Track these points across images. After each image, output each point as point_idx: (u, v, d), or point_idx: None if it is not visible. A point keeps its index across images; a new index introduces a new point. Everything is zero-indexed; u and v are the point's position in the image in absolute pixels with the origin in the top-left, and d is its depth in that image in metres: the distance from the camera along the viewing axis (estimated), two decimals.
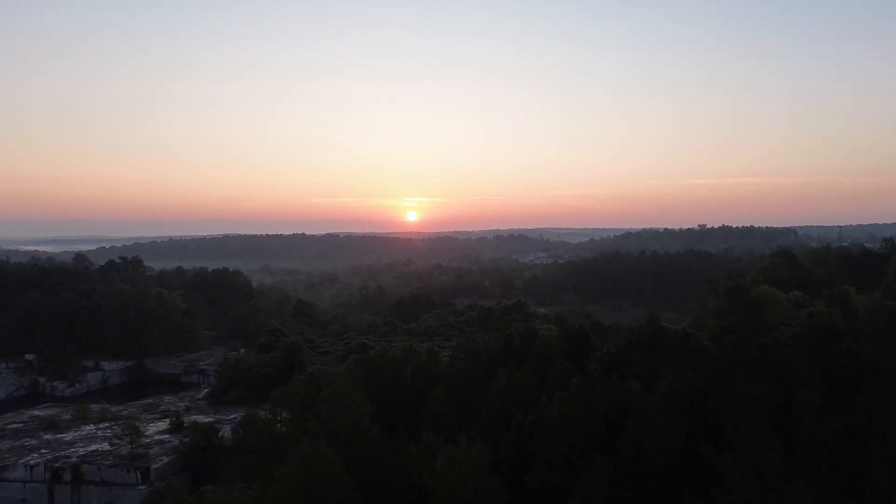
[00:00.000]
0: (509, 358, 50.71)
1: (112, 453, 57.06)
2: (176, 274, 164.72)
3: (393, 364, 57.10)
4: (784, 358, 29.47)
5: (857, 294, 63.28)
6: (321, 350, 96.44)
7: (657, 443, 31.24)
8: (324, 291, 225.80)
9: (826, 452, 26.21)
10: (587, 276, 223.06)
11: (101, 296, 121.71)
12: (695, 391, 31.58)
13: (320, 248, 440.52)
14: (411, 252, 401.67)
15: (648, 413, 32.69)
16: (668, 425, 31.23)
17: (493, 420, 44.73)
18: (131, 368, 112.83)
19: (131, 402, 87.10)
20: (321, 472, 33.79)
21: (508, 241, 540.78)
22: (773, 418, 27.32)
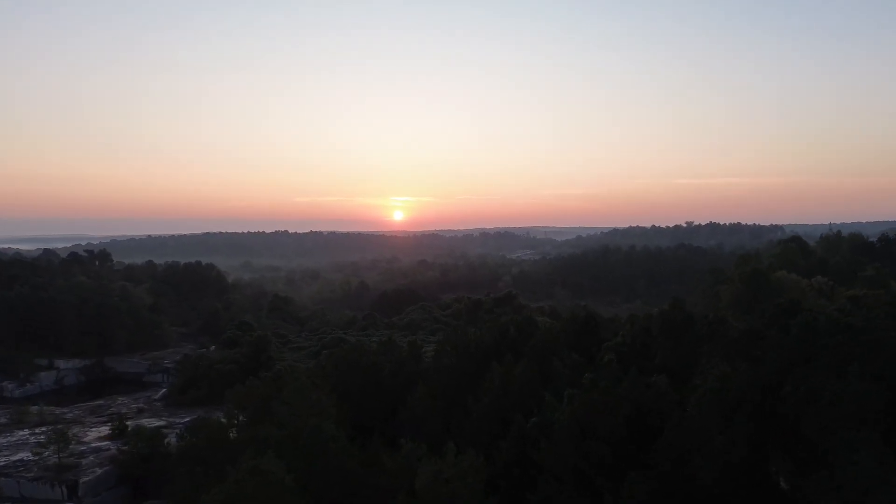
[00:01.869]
0: (504, 351, 42.95)
1: (38, 464, 48.52)
2: (145, 268, 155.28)
3: (368, 359, 49.12)
4: (881, 342, 22.04)
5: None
6: (293, 346, 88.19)
7: (707, 455, 23.65)
8: (304, 288, 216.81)
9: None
10: (577, 271, 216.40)
11: (58, 289, 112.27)
12: (756, 388, 24.06)
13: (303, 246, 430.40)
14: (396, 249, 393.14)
15: (692, 416, 25.09)
16: (720, 432, 23.66)
17: (487, 424, 36.94)
18: (90, 367, 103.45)
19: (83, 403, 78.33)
20: (264, 495, 25.81)
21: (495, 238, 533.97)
22: (878, 423, 19.89)
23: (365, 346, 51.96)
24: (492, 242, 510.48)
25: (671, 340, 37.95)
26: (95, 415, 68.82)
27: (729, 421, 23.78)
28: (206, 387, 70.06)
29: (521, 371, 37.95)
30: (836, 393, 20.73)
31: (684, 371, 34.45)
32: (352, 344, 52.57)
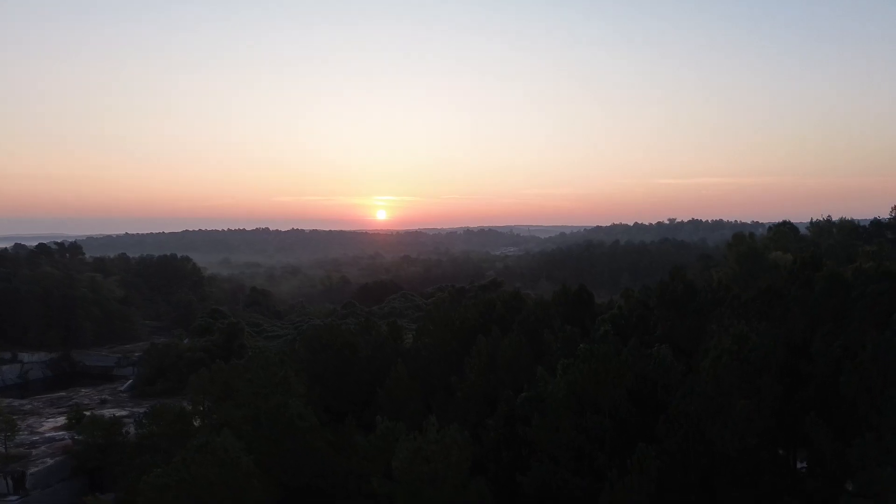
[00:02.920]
0: (491, 326, 39.67)
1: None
2: (117, 261, 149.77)
3: (344, 339, 45.56)
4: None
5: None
6: (269, 334, 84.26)
7: (728, 423, 20.56)
8: (284, 283, 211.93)
9: None
10: (561, 265, 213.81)
11: (22, 280, 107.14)
12: (780, 348, 21.03)
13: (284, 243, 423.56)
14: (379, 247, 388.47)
15: (708, 381, 22.00)
16: (743, 397, 20.60)
17: (473, 402, 33.66)
18: (56, 361, 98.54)
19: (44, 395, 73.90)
20: (215, 476, 22.29)
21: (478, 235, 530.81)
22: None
23: (340, 326, 48.32)
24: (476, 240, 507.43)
25: (673, 311, 34.93)
26: (55, 406, 64.62)
27: (751, 384, 20.78)
28: (174, 377, 66.07)
29: (510, 344, 34.69)
30: (879, 346, 17.81)
31: (689, 344, 31.44)
32: (326, 324, 48.88)
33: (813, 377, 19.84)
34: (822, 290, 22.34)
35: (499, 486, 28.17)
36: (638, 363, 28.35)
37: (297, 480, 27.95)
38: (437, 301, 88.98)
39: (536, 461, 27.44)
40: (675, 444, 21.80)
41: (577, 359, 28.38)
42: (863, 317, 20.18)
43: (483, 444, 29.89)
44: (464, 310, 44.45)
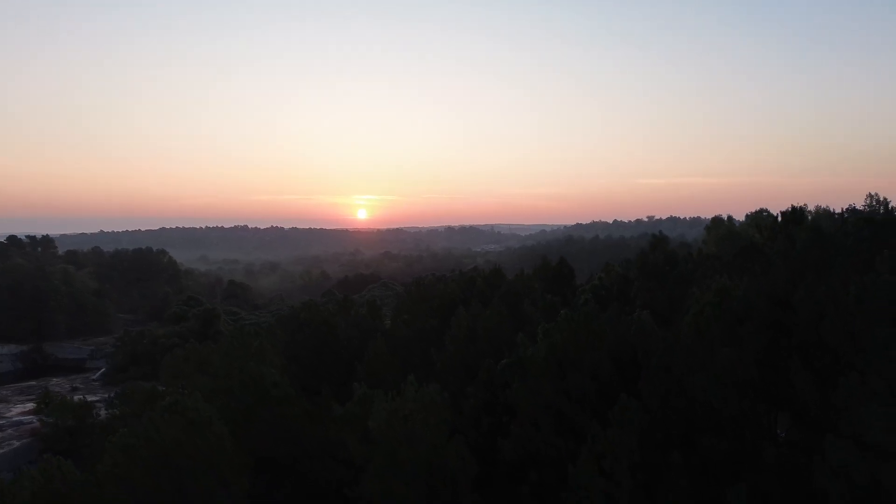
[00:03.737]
0: (471, 300, 39.14)
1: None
2: (91, 254, 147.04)
3: (322, 318, 44.73)
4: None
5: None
6: (245, 322, 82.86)
7: (711, 374, 20.22)
8: (263, 278, 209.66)
9: None
10: (542, 260, 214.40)
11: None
12: (762, 299, 20.71)
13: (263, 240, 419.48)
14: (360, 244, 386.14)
15: (689, 333, 21.66)
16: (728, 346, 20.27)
17: (453, 374, 33.03)
18: (27, 353, 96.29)
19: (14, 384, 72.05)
20: (190, 436, 21.43)
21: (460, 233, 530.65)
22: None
23: (318, 305, 47.45)
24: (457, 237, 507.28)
25: (653, 281, 34.69)
26: (24, 394, 62.94)
27: (733, 334, 20.47)
28: (148, 364, 64.64)
29: (490, 315, 34.17)
30: (863, 288, 17.55)
31: (670, 312, 31.19)
32: (304, 303, 47.98)
33: (796, 326, 19.55)
34: (804, 241, 22.13)
35: (479, 454, 27.60)
36: (618, 327, 27.96)
37: (272, 450, 27.13)
38: (417, 279, 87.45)
39: (517, 426, 26.93)
40: (657, 399, 21.39)
41: (558, 323, 27.94)
42: (846, 264, 19.98)
43: (463, 412, 29.31)
44: (443, 286, 43.85)
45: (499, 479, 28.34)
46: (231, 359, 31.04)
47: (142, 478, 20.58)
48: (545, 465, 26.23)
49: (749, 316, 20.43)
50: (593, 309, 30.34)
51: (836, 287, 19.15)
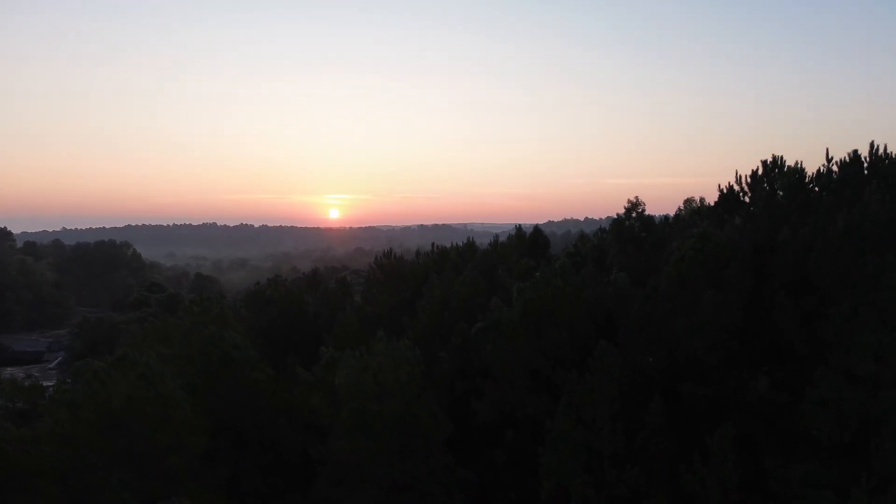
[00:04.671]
0: (446, 271, 38.03)
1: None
2: (51, 247, 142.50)
3: (290, 294, 43.21)
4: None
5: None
6: None
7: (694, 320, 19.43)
8: (232, 273, 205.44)
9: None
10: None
11: None
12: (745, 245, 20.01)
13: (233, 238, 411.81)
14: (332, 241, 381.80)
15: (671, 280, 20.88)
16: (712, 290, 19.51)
17: (426, 341, 31.88)
18: None
19: None
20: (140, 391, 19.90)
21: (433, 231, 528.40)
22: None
23: (285, 281, 45.88)
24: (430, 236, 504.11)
25: (630, 245, 34.00)
26: None
27: (716, 278, 19.71)
28: (107, 351, 62.09)
29: (464, 281, 33.11)
30: (852, 220, 16.92)
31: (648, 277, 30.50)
32: (270, 280, 46.28)
33: (781, 268, 18.87)
34: (788, 183, 21.51)
35: (454, 418, 26.54)
36: (594, 288, 27.15)
37: (235, 417, 25.64)
38: (387, 252, 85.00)
39: (491, 387, 25.93)
40: (638, 347, 20.56)
41: (533, 281, 27.03)
42: (831, 202, 19.38)
43: (435, 378, 28.21)
44: (416, 258, 42.65)
45: (473, 443, 27.32)
46: (191, 324, 29.45)
47: (87, 436, 19.02)
48: (521, 425, 25.29)
49: (732, 260, 19.71)
50: (570, 269, 29.54)
51: (821, 223, 18.53)
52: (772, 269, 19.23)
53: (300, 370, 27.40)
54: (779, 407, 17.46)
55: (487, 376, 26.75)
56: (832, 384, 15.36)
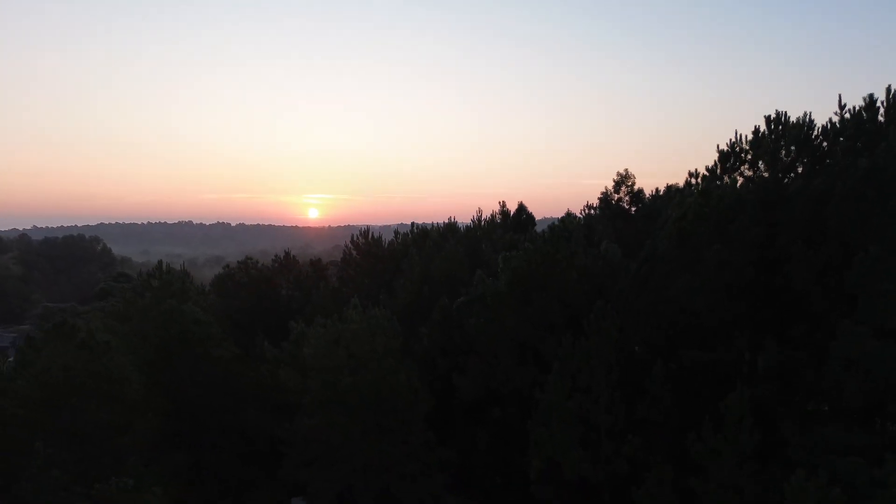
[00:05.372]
0: (426, 247, 36.03)
1: None
2: (16, 241, 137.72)
3: (261, 275, 40.91)
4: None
5: None
6: None
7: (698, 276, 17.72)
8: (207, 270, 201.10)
9: None
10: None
11: None
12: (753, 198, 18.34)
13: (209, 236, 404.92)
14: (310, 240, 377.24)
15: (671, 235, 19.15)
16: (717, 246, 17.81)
17: (405, 315, 29.88)
18: None
19: None
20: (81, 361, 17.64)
21: None
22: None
23: (256, 263, 43.50)
24: None
25: (619, 219, 32.41)
26: None
27: (722, 233, 18.05)
28: None
29: (445, 256, 31.19)
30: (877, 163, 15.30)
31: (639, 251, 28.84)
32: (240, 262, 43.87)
33: (794, 219, 17.24)
34: (795, 134, 19.93)
35: (435, 398, 24.59)
36: (583, 258, 25.36)
37: (196, 396, 23.41)
38: (364, 231, 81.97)
39: (475, 362, 24.03)
40: (638, 307, 18.77)
41: (521, 251, 25.20)
42: (847, 148, 17.81)
43: (415, 354, 26.24)
44: (394, 240, 40.61)
45: (456, 422, 25.41)
46: (149, 301, 27.12)
47: (22, 412, 16.75)
48: (507, 401, 23.43)
49: (739, 213, 18.02)
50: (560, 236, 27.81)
51: (838, 171, 16.91)
52: (784, 221, 17.59)
53: (267, 347, 25.27)
54: (795, 369, 15.82)
55: (471, 352, 24.87)
56: (857, 340, 13.70)
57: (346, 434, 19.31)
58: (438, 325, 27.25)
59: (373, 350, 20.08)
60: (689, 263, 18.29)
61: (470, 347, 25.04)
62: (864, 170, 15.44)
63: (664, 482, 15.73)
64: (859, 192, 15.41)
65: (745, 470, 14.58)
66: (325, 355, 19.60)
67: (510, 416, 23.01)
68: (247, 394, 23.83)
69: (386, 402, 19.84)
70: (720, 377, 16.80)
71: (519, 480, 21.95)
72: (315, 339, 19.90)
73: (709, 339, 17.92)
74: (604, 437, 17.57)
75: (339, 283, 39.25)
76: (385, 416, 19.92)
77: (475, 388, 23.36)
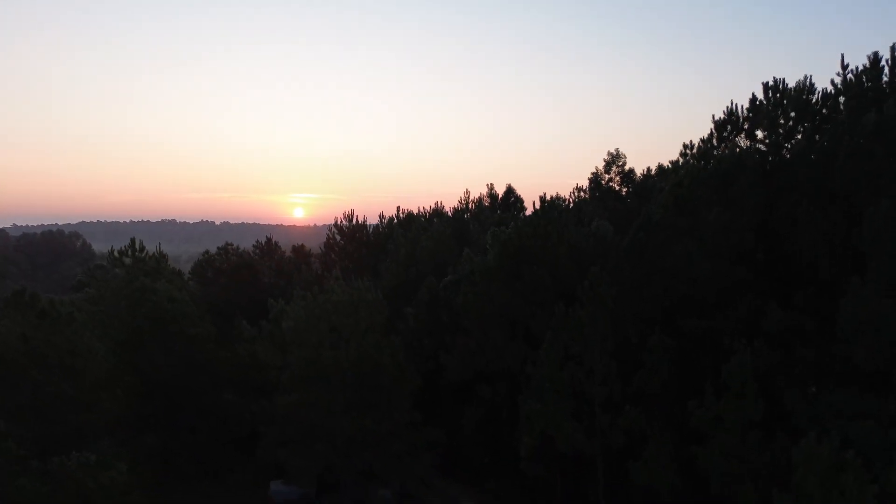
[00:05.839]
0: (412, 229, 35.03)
1: None
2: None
3: (242, 261, 39.72)
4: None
5: None
6: None
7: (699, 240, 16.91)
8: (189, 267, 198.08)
9: None
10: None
11: None
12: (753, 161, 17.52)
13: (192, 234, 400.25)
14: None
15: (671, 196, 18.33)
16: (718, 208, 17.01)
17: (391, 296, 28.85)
18: None
19: None
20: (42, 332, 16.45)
21: None
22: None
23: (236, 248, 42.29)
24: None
25: (610, 198, 31.60)
26: None
27: (723, 195, 17.21)
28: None
29: (431, 235, 30.23)
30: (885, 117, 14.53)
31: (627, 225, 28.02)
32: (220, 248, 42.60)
33: (797, 180, 16.46)
34: (794, 99, 19.16)
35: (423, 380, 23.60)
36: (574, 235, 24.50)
37: (171, 377, 22.19)
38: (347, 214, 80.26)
39: (462, 341, 23.07)
40: (633, 278, 17.91)
41: (512, 225, 24.32)
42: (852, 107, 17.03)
43: (402, 334, 25.21)
44: (380, 221, 39.56)
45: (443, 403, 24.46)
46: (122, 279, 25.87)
47: None
48: (495, 379, 22.51)
49: (739, 176, 17.20)
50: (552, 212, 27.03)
51: (843, 129, 16.15)
52: (786, 183, 16.82)
53: (245, 325, 24.16)
54: (800, 335, 15.03)
55: (458, 330, 23.92)
56: (869, 299, 12.91)
57: (327, 411, 18.27)
58: (425, 305, 26.28)
59: (356, 323, 19.05)
60: (687, 229, 17.48)
61: (457, 326, 24.10)
62: (873, 124, 14.67)
63: (663, 453, 14.88)
64: (867, 149, 14.64)
65: (750, 438, 13.76)
66: (305, 329, 18.57)
67: (499, 395, 22.11)
68: (224, 374, 22.69)
69: (369, 377, 18.82)
70: (720, 347, 15.96)
71: (508, 459, 21.05)
72: (295, 312, 18.83)
73: (708, 308, 17.10)
74: (598, 409, 16.69)
75: (322, 268, 38.15)
76: (368, 392, 18.91)
77: (463, 367, 22.41)
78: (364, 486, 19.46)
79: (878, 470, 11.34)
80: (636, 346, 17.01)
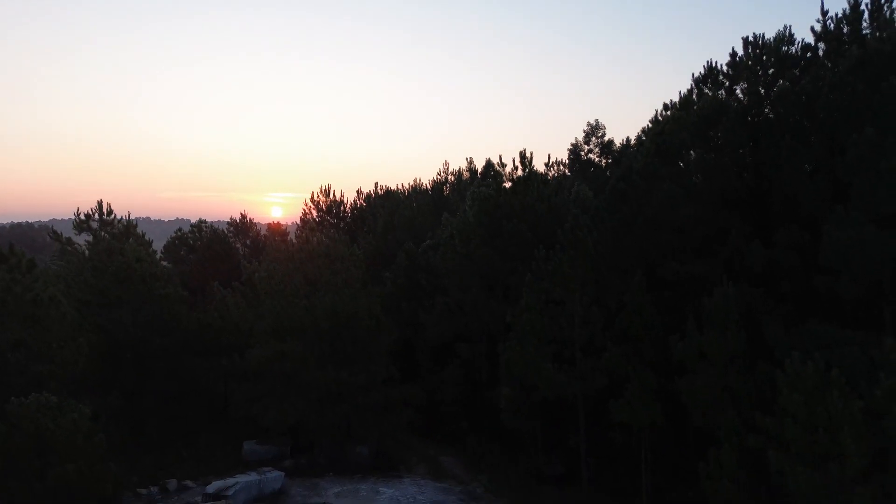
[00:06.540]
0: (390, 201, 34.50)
1: None
2: None
3: (216, 238, 38.87)
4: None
5: None
6: None
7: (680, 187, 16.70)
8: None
9: None
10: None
11: None
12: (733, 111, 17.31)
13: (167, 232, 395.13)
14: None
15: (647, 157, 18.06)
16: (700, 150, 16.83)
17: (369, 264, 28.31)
18: None
19: None
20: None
21: None
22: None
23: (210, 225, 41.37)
24: None
25: (588, 168, 31.47)
26: None
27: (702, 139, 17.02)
28: None
29: (410, 202, 29.78)
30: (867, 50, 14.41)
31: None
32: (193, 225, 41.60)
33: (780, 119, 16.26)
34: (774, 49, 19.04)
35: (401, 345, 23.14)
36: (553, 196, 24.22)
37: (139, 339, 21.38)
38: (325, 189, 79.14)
39: (442, 301, 22.67)
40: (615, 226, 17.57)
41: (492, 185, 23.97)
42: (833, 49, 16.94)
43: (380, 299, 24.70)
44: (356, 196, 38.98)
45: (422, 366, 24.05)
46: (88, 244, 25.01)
47: None
48: (475, 339, 22.15)
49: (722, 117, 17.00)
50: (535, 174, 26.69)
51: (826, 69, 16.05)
52: (768, 122, 16.68)
53: (217, 285, 23.49)
54: (783, 270, 14.87)
55: (437, 291, 23.51)
56: (852, 226, 12.75)
57: (301, 363, 17.72)
58: (404, 270, 25.83)
59: (332, 275, 18.53)
60: (670, 175, 17.25)
61: (436, 288, 23.69)
62: (856, 58, 14.54)
63: (645, 390, 14.61)
64: (849, 83, 14.50)
65: (734, 367, 13.54)
66: (279, 280, 17.99)
67: (479, 355, 21.78)
68: (195, 335, 21.97)
69: (345, 328, 18.31)
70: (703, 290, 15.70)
71: (488, 419, 20.69)
72: (268, 263, 18.27)
73: (691, 254, 16.89)
74: (579, 353, 16.39)
75: (301, 242, 37.39)
76: (345, 344, 18.39)
77: (442, 328, 22.02)
78: (341, 444, 18.93)
79: (863, 389, 11.16)
80: (618, 289, 16.73)
